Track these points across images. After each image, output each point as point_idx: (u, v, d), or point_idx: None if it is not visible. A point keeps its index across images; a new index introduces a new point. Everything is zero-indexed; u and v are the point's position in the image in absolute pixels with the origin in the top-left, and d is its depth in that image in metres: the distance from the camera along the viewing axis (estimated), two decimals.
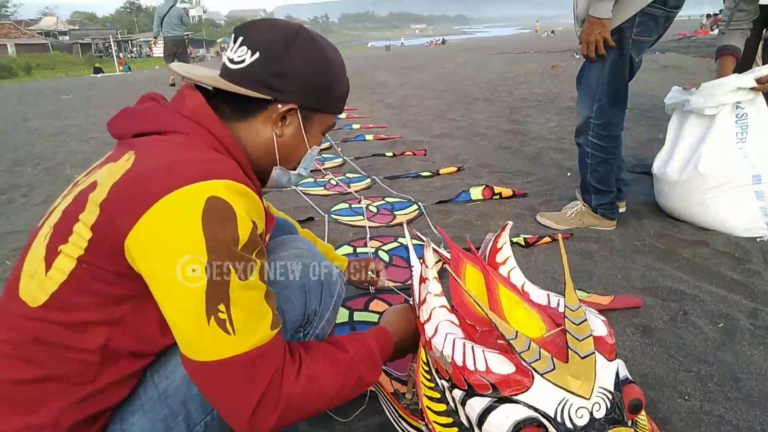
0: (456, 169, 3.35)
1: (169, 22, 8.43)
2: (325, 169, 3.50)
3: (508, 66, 10.38)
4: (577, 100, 2.25)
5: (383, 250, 2.10)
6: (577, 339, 0.82)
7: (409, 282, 1.32)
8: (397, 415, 1.00)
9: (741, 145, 2.16)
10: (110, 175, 0.77)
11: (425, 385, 0.90)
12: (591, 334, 0.84)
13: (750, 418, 1.21)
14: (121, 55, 44.99)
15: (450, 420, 0.85)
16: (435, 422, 0.86)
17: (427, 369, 0.91)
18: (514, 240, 2.16)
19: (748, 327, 1.56)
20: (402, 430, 0.98)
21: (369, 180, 3.17)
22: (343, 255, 1.74)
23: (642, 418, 0.86)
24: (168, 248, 0.71)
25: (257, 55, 0.86)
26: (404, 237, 1.65)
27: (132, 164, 0.76)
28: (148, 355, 0.82)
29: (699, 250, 2.08)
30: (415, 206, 2.66)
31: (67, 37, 57.97)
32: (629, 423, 0.82)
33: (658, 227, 2.31)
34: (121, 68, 29.29)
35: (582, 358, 0.81)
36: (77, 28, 65.34)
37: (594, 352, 0.82)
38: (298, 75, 0.86)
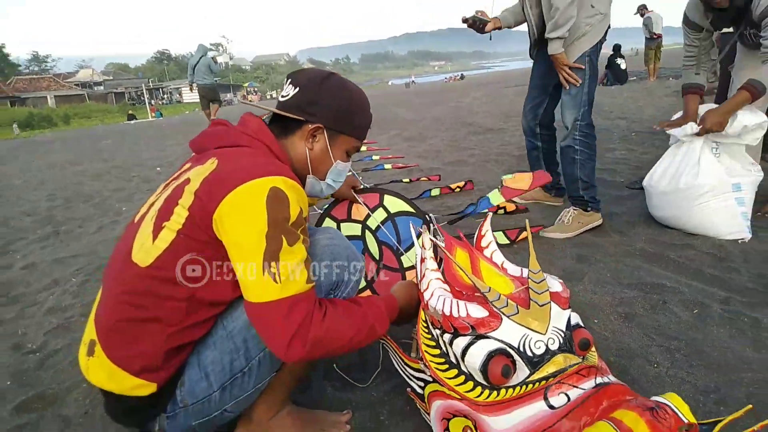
0: (464, 183, 3.65)
1: (200, 71, 9.01)
2: None
3: (521, 97, 10.68)
4: (561, 111, 2.63)
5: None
6: (537, 293, 1.08)
7: None
8: (402, 363, 1.25)
9: (719, 153, 2.39)
10: (200, 173, 1.09)
11: (424, 336, 1.16)
12: (548, 290, 1.09)
13: (707, 380, 1.43)
14: (152, 102, 47.04)
15: (442, 359, 1.10)
16: (431, 361, 1.11)
17: (425, 324, 1.17)
18: (500, 241, 2.42)
19: (718, 312, 1.77)
20: (407, 375, 1.24)
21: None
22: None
23: (592, 353, 1.10)
24: (242, 220, 1.02)
25: (298, 89, 1.21)
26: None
27: (216, 166, 1.09)
28: (221, 304, 1.12)
29: (685, 252, 2.29)
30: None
31: (102, 87, 60.84)
32: (581, 358, 1.06)
33: (650, 234, 2.53)
34: (153, 114, 30.63)
35: (540, 306, 1.06)
36: (111, 78, 68.54)
37: (550, 302, 1.07)
38: (326, 103, 1.20)
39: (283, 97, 1.23)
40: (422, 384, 1.17)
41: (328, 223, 1.87)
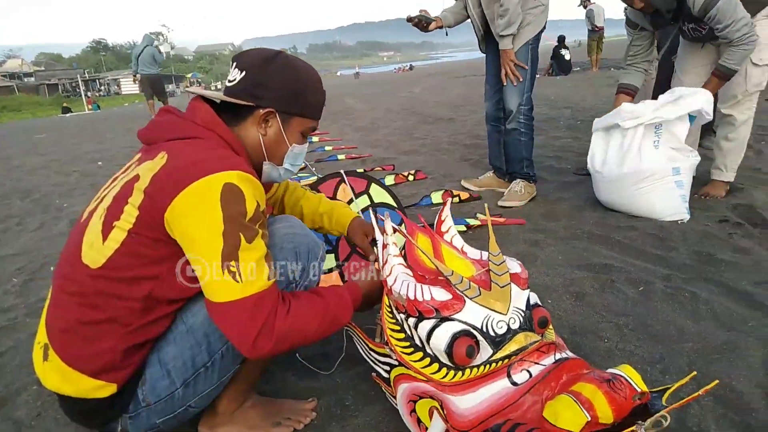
0: (414, 172, 3.71)
1: (144, 60, 8.77)
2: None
3: (470, 88, 10.88)
4: (505, 97, 2.87)
5: None
6: (497, 275, 1.11)
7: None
8: (367, 348, 1.27)
9: (658, 145, 2.52)
10: (149, 169, 1.04)
11: (388, 321, 1.18)
12: (508, 271, 1.13)
13: (653, 351, 1.52)
14: (89, 94, 44.83)
15: (408, 343, 1.12)
16: (397, 345, 1.13)
17: (389, 310, 1.19)
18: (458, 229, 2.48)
19: (661, 288, 1.87)
20: (372, 360, 1.25)
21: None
22: None
23: (550, 330, 1.15)
24: (196, 219, 0.99)
25: (244, 73, 1.15)
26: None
27: (166, 161, 1.04)
28: (179, 301, 1.10)
29: (629, 233, 2.41)
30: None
31: (32, 79, 57.57)
32: (540, 336, 1.11)
33: (597, 218, 2.65)
34: (90, 107, 29.23)
35: (501, 287, 1.10)
36: (43, 69, 64.96)
37: (510, 283, 1.11)
38: (275, 85, 1.14)
39: (230, 82, 1.17)
40: (388, 368, 1.19)
41: None
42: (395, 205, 1.92)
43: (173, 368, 1.11)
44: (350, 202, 1.88)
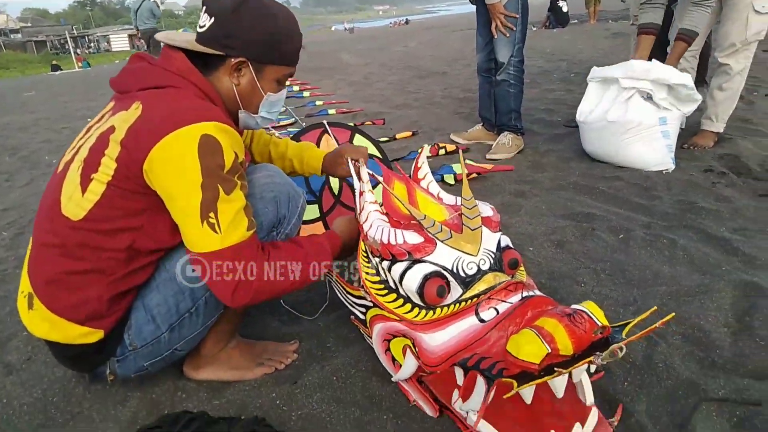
0: (411, 133, 3.66)
1: (142, 15, 8.62)
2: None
3: (465, 42, 10.66)
4: (496, 48, 2.84)
5: None
6: (469, 218, 1.13)
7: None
8: (345, 292, 1.30)
9: (646, 96, 2.50)
10: (125, 120, 1.04)
11: (364, 265, 1.21)
12: (479, 215, 1.15)
13: (628, 295, 1.55)
14: (78, 51, 43.85)
15: (382, 285, 1.15)
16: (372, 288, 1.16)
17: (365, 254, 1.22)
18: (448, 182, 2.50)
19: (641, 235, 1.90)
20: (350, 303, 1.29)
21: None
22: None
23: (521, 271, 1.18)
24: (174, 172, 1.00)
25: (213, 19, 1.11)
26: None
27: (141, 111, 1.03)
28: (162, 250, 1.12)
29: (614, 183, 2.43)
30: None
31: (19, 35, 56.18)
32: (510, 277, 1.14)
33: (583, 169, 2.66)
34: (80, 64, 28.62)
35: (472, 230, 1.12)
36: (29, 25, 63.31)
37: (481, 227, 1.13)
38: (246, 33, 1.11)
39: (200, 27, 1.13)
40: (364, 310, 1.23)
41: None
42: (380, 156, 1.92)
43: (158, 314, 1.14)
44: None
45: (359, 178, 1.28)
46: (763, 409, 1.12)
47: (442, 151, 3.08)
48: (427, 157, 3.01)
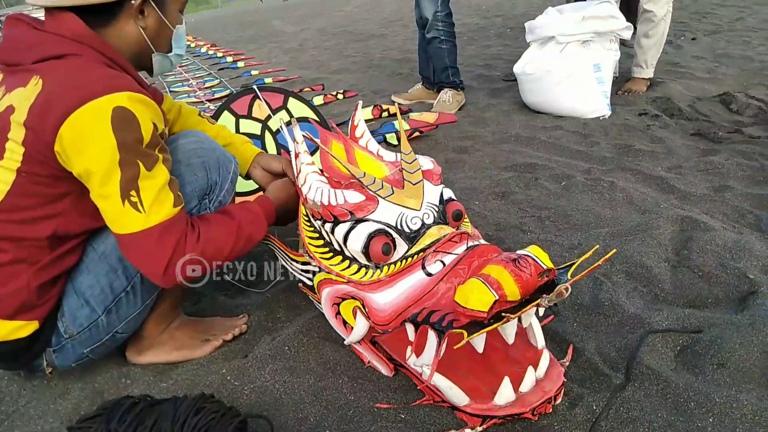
0: (343, 91, 3.61)
1: None
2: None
3: (403, 3, 10.48)
4: (420, 4, 2.81)
5: None
6: (409, 173, 1.10)
7: None
8: (290, 259, 1.25)
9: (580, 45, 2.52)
10: (24, 98, 0.93)
11: (306, 229, 1.16)
12: (420, 168, 1.12)
13: (572, 239, 1.58)
14: None
15: (326, 249, 1.12)
16: (316, 252, 1.13)
17: (306, 218, 1.17)
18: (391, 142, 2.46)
19: (582, 181, 1.93)
20: (296, 270, 1.24)
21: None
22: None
23: (466, 223, 1.17)
24: (88, 150, 0.91)
25: None
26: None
27: (42, 87, 0.93)
28: (88, 232, 1.05)
29: (554, 133, 2.46)
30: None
31: None
32: (455, 229, 1.12)
33: (523, 121, 2.67)
34: None
35: (414, 184, 1.09)
36: None
37: (422, 180, 1.10)
38: None
39: None
40: (311, 276, 1.19)
41: (226, 116, 1.76)
42: (317, 118, 1.85)
43: (91, 296, 1.08)
44: (268, 118, 1.80)
45: (294, 140, 1.22)
46: (703, 336, 1.16)
47: (384, 114, 3.03)
48: (369, 120, 2.99)
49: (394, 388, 1.12)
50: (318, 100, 3.53)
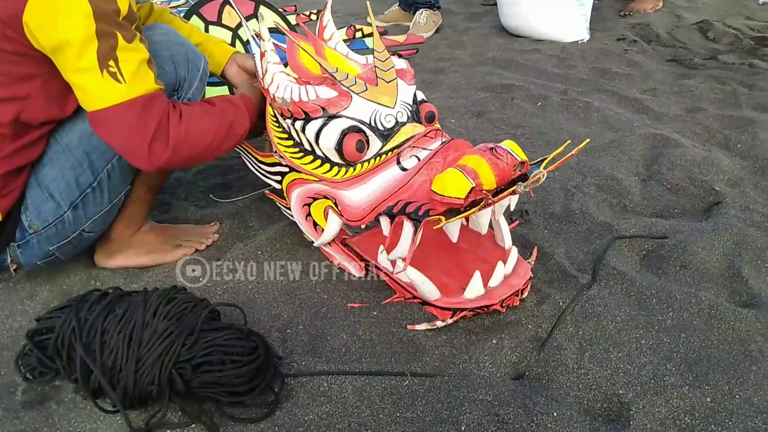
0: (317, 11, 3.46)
1: None
2: None
3: None
4: None
5: None
6: (383, 70, 1.06)
7: None
8: (257, 162, 1.22)
9: None
10: None
11: (275, 131, 1.13)
12: (393, 67, 1.08)
13: (545, 153, 1.50)
14: None
15: (297, 149, 1.09)
16: (285, 152, 1.10)
17: (275, 119, 1.13)
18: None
19: (558, 101, 1.92)
20: (264, 174, 1.21)
21: None
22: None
23: (438, 126, 1.15)
24: (61, 18, 0.86)
25: None
26: None
27: None
28: (53, 122, 1.00)
29: (532, 56, 2.42)
30: None
31: None
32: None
33: (502, 44, 2.62)
34: None
35: (387, 82, 1.06)
36: None
37: (396, 78, 1.07)
38: None
39: None
40: (279, 178, 1.16)
41: (195, 22, 1.66)
42: (288, 28, 1.77)
43: (56, 190, 1.04)
44: (239, 26, 1.72)
45: (260, 37, 1.16)
46: (668, 241, 1.20)
47: (358, 34, 2.93)
48: (345, 41, 2.89)
49: (366, 288, 1.13)
50: (291, 20, 3.38)
